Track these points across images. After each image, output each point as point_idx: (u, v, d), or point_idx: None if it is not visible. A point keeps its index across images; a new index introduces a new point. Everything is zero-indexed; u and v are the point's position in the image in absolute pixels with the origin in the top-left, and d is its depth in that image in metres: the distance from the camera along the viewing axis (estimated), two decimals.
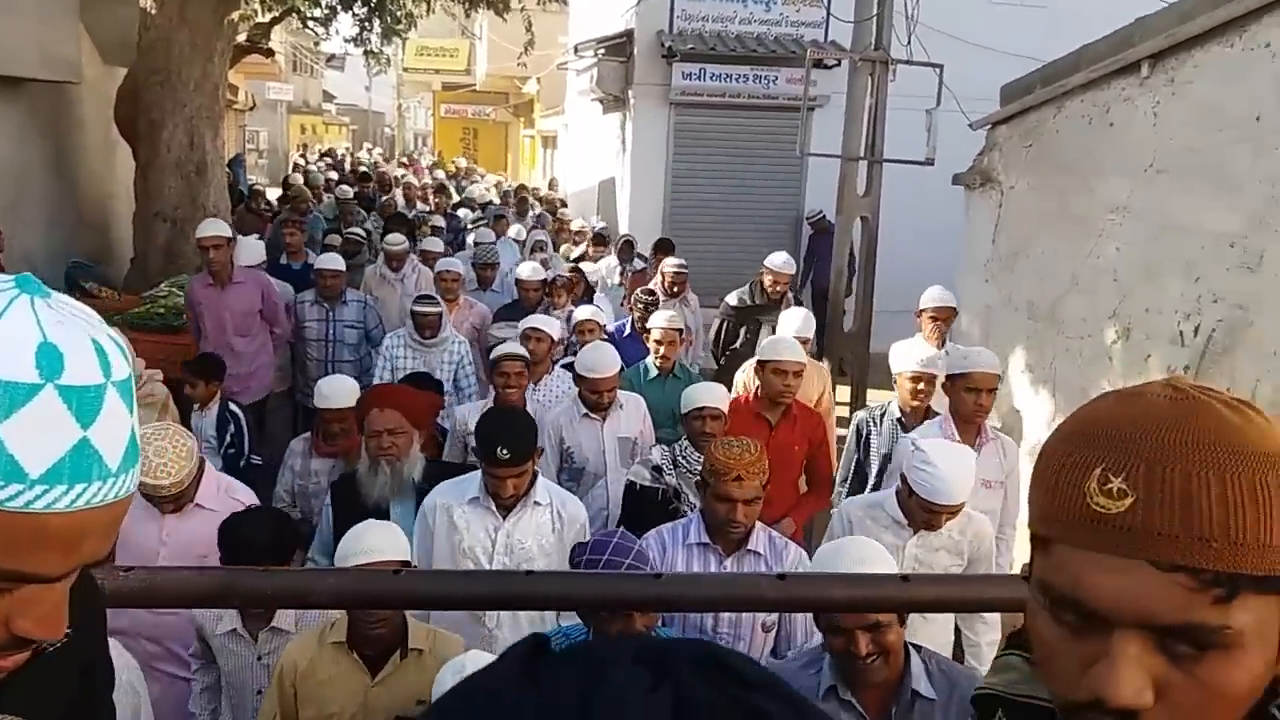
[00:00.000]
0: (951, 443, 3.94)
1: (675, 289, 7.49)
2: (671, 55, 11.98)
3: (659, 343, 5.50)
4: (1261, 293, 4.82)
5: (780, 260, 6.83)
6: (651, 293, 6.76)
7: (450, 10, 10.81)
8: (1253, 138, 4.86)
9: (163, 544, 3.45)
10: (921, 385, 4.95)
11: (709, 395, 4.32)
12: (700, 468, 3.72)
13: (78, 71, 9.21)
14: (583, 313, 6.28)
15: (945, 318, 6.00)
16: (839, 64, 8.05)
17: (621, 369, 4.98)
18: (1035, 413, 6.56)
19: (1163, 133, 5.51)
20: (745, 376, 5.50)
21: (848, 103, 7.66)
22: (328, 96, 44.01)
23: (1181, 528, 0.74)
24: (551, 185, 18.95)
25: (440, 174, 21.97)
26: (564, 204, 15.73)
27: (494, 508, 3.45)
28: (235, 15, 10.39)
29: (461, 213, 13.67)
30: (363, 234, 9.34)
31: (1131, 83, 5.74)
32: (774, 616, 3.25)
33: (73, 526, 0.81)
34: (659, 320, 5.59)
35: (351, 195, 12.72)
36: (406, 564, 2.91)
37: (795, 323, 5.66)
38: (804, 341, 5.25)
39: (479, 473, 3.52)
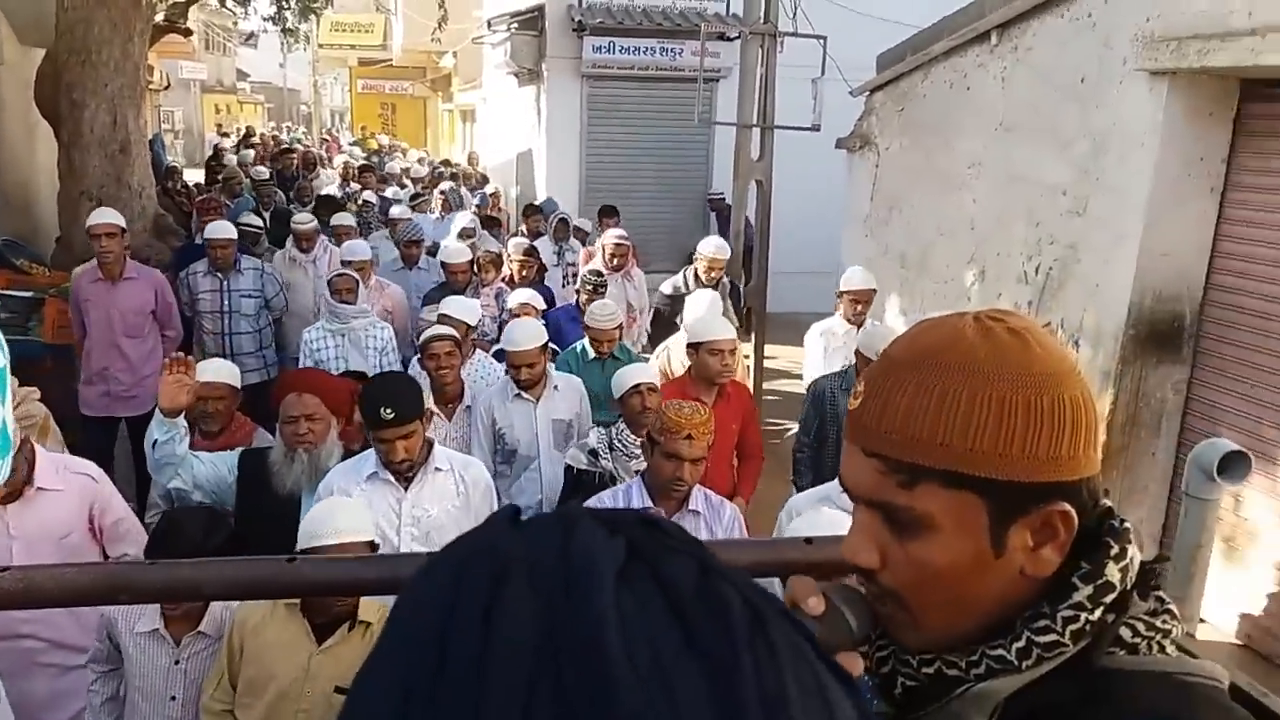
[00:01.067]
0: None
1: (616, 262, 7.21)
2: (582, 29, 12.48)
3: (596, 339, 5.27)
4: (1087, 235, 5.56)
5: (713, 245, 6.68)
6: (599, 273, 6.55)
7: None
8: (1079, 98, 5.57)
9: (11, 537, 3.19)
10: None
11: (642, 372, 4.30)
12: (636, 450, 3.93)
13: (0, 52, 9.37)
14: (519, 296, 6.04)
15: (865, 299, 5.94)
16: (740, 37, 8.61)
17: (550, 347, 4.92)
18: None
19: (1009, 95, 6.22)
20: (661, 361, 5.49)
21: (741, 73, 8.25)
22: (241, 75, 43.35)
23: (876, 421, 0.86)
24: (471, 159, 19.10)
25: (358, 150, 22.02)
26: (485, 178, 16.04)
27: (394, 480, 3.38)
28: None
29: (390, 191, 13.23)
30: (259, 224, 8.60)
31: (984, 50, 6.43)
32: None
33: None
34: (597, 316, 5.28)
35: (266, 175, 12.40)
36: (373, 545, 2.91)
37: (705, 302, 5.67)
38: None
39: (370, 451, 3.46)
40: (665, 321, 6.59)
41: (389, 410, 3.25)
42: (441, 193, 11.06)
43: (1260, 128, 4.98)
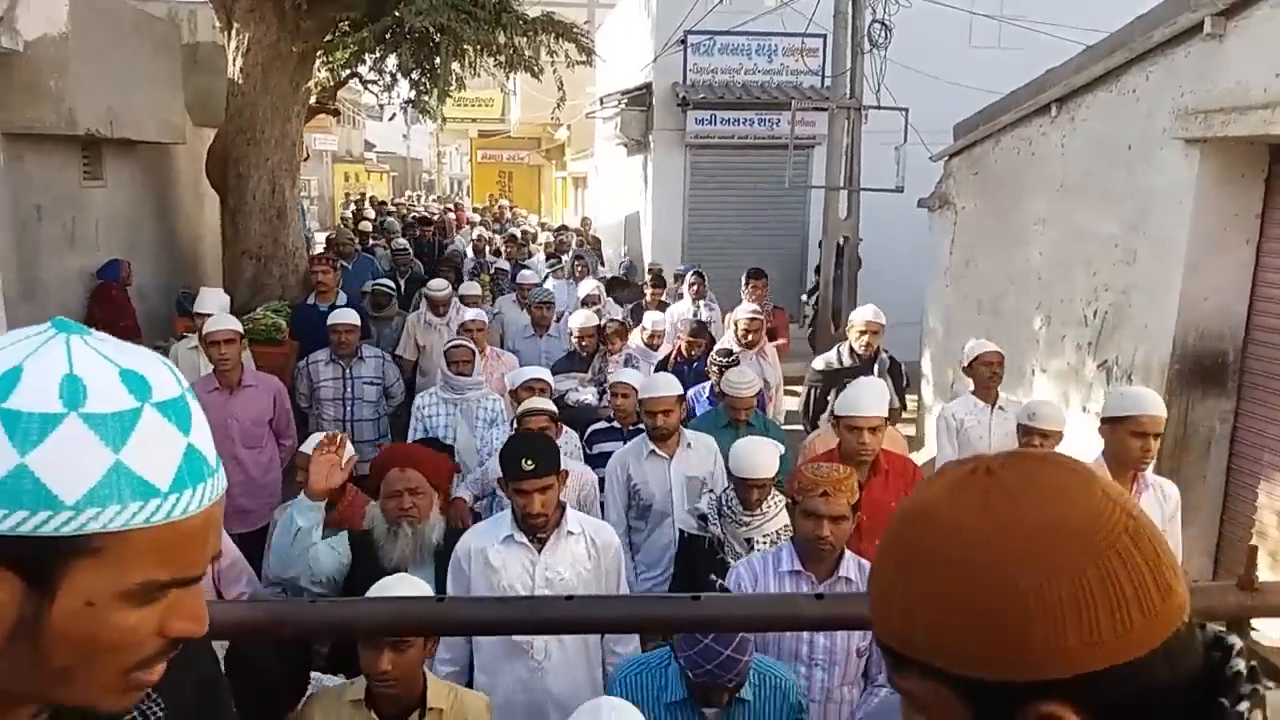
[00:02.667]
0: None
1: (750, 338, 6.76)
2: (685, 104, 13.56)
3: (733, 407, 5.22)
4: (1136, 282, 6.21)
5: (868, 313, 6.28)
6: (729, 352, 6.07)
7: (491, 71, 12.38)
8: (1126, 162, 6.26)
9: None
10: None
11: (758, 464, 3.95)
12: (745, 517, 3.93)
13: (182, 134, 10.87)
14: (623, 375, 5.65)
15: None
16: (829, 110, 9.49)
17: (686, 404, 4.95)
18: None
19: (1068, 159, 6.93)
20: (812, 446, 5.10)
21: (829, 141, 9.12)
22: (368, 145, 46.13)
23: (870, 594, 0.84)
24: (584, 224, 20.03)
25: (477, 218, 23.22)
26: (598, 240, 17.01)
27: (529, 541, 3.38)
28: (310, 82, 12.03)
29: (534, 261, 13.13)
30: (391, 286, 8.72)
31: (1046, 120, 7.16)
32: (868, 640, 3.21)
33: (203, 523, 0.88)
34: (735, 384, 5.19)
35: (404, 245, 12.64)
36: None
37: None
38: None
39: (508, 512, 3.49)
40: (819, 399, 6.16)
41: (530, 462, 3.28)
42: (579, 259, 10.97)
43: None
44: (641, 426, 5.09)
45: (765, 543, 3.87)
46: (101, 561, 0.81)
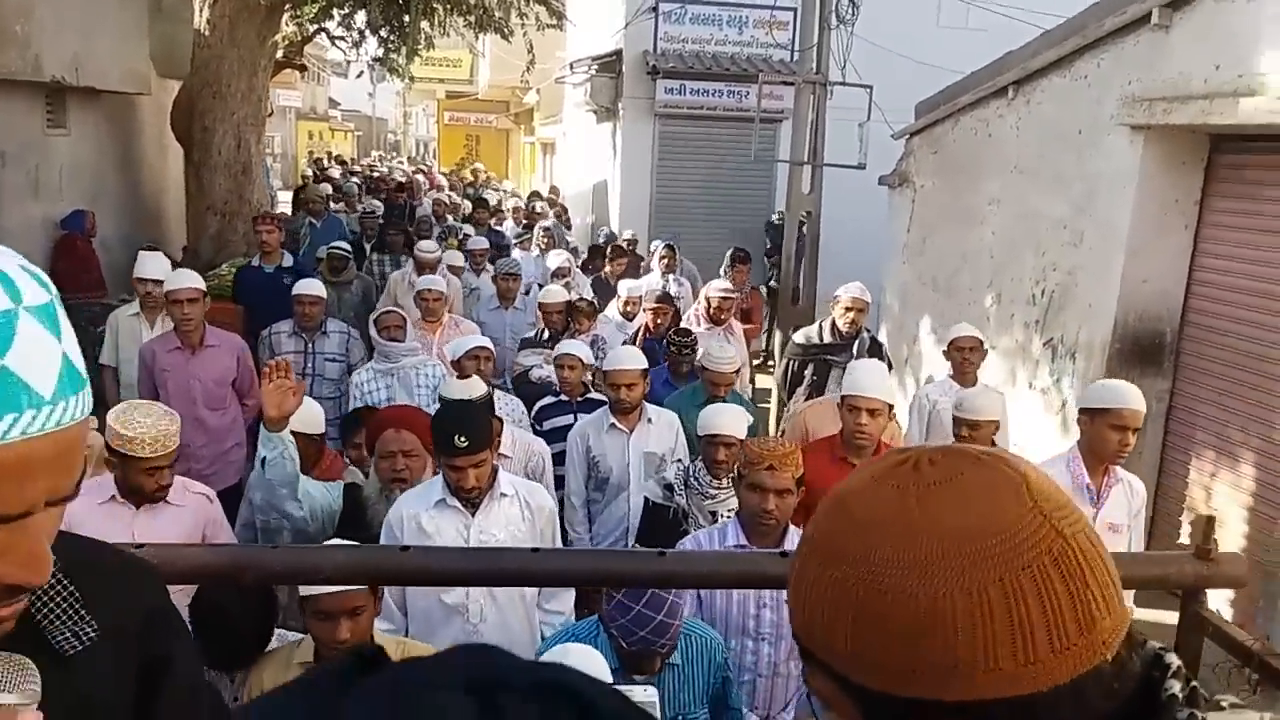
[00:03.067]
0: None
1: (722, 316, 6.78)
2: (656, 72, 13.63)
3: (712, 383, 5.14)
4: (1082, 263, 6.43)
5: (854, 289, 6.15)
6: (686, 332, 5.98)
7: (460, 31, 12.38)
8: (1076, 146, 6.47)
9: (136, 543, 3.16)
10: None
11: (727, 422, 4.04)
12: (712, 490, 3.93)
13: (147, 84, 10.78)
14: (568, 346, 5.51)
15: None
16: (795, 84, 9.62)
17: (648, 374, 4.89)
18: (935, 362, 8.17)
19: (1022, 142, 7.13)
20: (800, 418, 5.11)
21: (794, 117, 9.26)
22: (333, 103, 45.58)
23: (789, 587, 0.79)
24: (553, 191, 19.85)
25: (446, 185, 22.97)
26: (564, 208, 16.95)
27: (460, 505, 3.36)
28: (277, 36, 11.96)
29: (506, 227, 12.89)
30: (348, 249, 8.28)
31: (1002, 103, 7.35)
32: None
33: (15, 459, 0.78)
34: (715, 358, 5.16)
35: (374, 207, 12.36)
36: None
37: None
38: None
39: (439, 477, 3.45)
40: (796, 374, 6.14)
41: (463, 439, 3.24)
42: (545, 230, 10.71)
43: (1228, 175, 5.83)
44: (592, 398, 5.19)
45: (729, 515, 3.80)
46: None
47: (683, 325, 6.56)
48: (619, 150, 14.81)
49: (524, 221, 13.54)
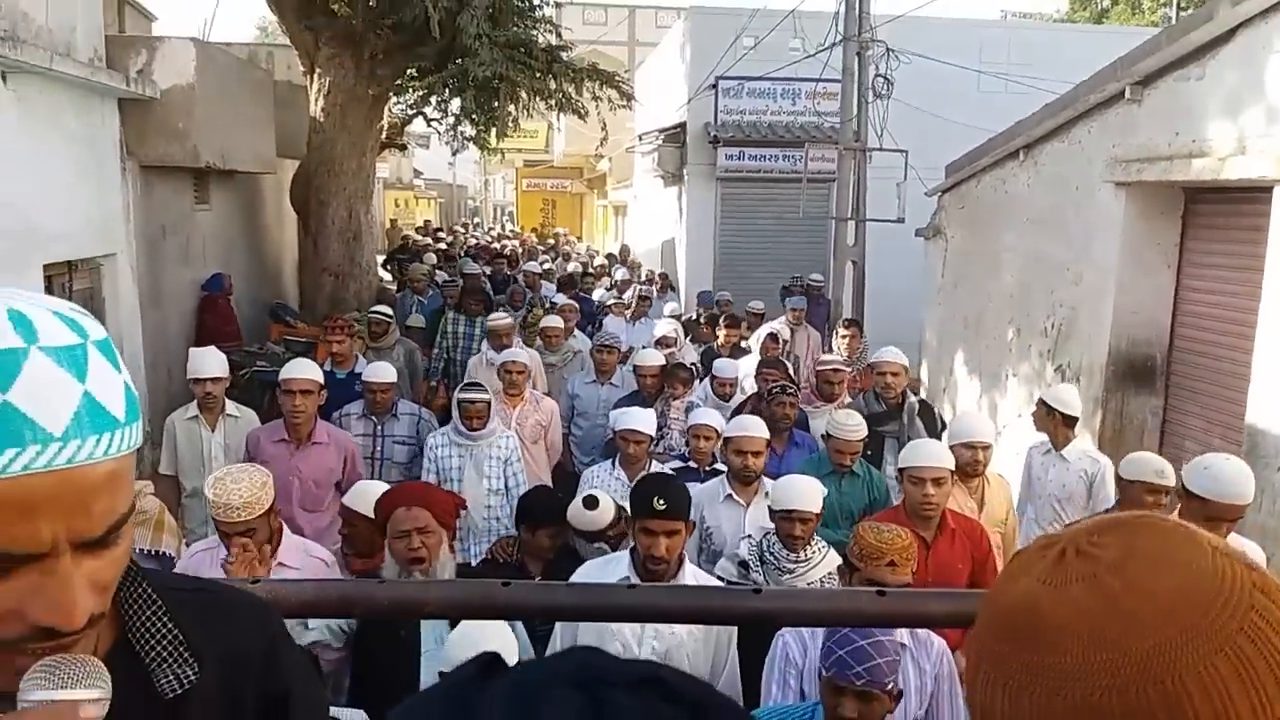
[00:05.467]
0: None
1: (834, 391, 6.34)
2: (717, 141, 15.00)
3: (838, 451, 4.93)
4: (1082, 299, 7.47)
5: (890, 354, 5.95)
6: (786, 386, 5.76)
7: (542, 113, 13.87)
8: (1074, 200, 7.54)
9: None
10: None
11: (801, 496, 3.84)
12: (789, 565, 3.79)
13: (273, 165, 12.41)
14: (704, 417, 5.40)
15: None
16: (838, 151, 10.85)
17: (792, 434, 4.98)
18: (968, 391, 9.21)
19: (1032, 196, 8.21)
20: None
21: (838, 177, 10.46)
22: (416, 172, 48.02)
23: (981, 713, 0.73)
24: (623, 251, 20.30)
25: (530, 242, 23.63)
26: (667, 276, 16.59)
27: (641, 579, 3.27)
28: (383, 121, 13.58)
29: (597, 295, 12.33)
30: (388, 313, 8.26)
31: (1015, 163, 8.46)
32: (924, 710, 3.10)
33: (17, 492, 0.80)
34: (842, 425, 4.94)
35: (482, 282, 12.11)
36: None
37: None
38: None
39: (625, 553, 3.41)
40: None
41: (661, 501, 3.20)
42: (644, 298, 10.38)
43: (1202, 223, 6.84)
44: (718, 468, 5.03)
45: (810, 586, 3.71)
46: None
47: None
48: (684, 212, 16.15)
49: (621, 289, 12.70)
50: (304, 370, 5.14)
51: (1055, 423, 5.33)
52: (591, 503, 3.94)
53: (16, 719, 0.85)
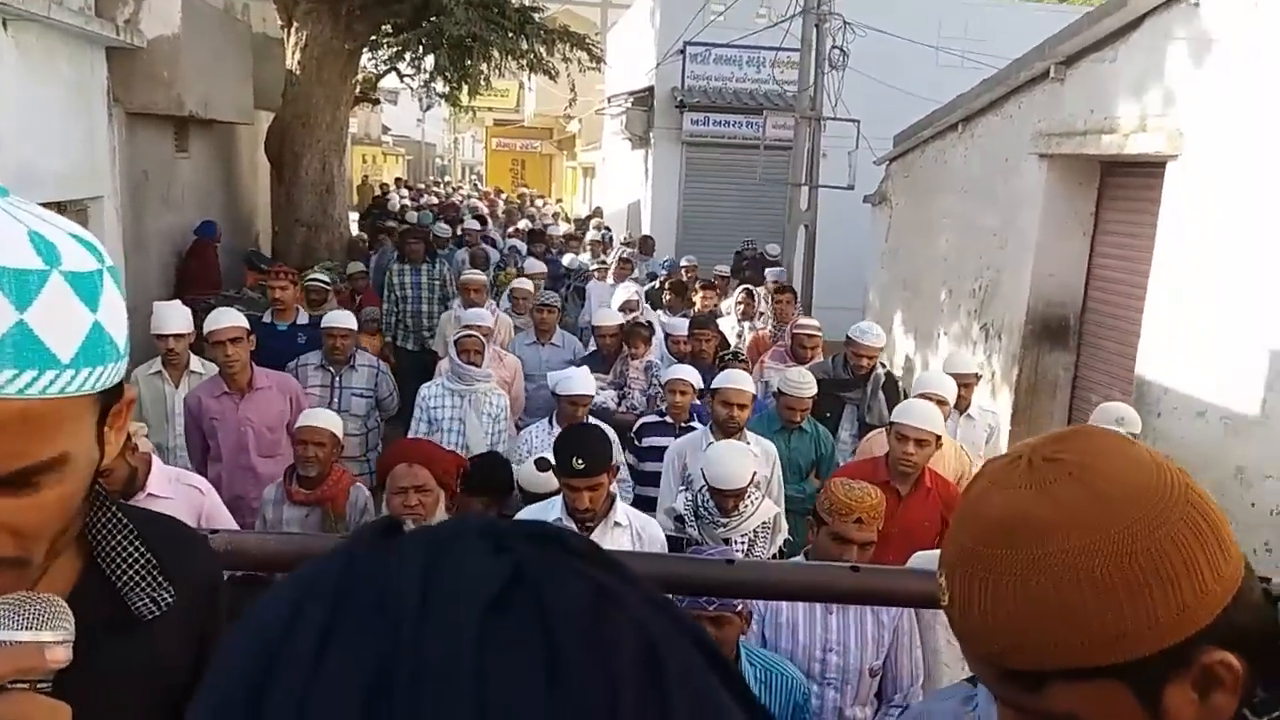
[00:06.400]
0: None
1: (809, 354, 6.47)
2: (683, 106, 15.50)
3: (789, 408, 5.11)
4: (1005, 262, 8.12)
5: (871, 334, 6.00)
6: (732, 352, 6.11)
7: (514, 72, 14.29)
8: (1003, 171, 8.17)
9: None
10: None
11: (731, 475, 3.86)
12: (722, 519, 3.85)
13: (251, 115, 12.77)
14: (679, 372, 5.44)
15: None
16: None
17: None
18: (904, 347, 9.88)
19: (967, 167, 8.84)
20: (868, 446, 4.89)
21: (794, 145, 11.03)
22: (384, 129, 47.94)
23: (972, 630, 0.81)
24: (596, 213, 20.45)
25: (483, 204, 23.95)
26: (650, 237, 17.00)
27: (576, 527, 3.37)
28: (358, 76, 13.94)
29: (567, 259, 11.97)
30: (326, 281, 7.85)
31: (954, 135, 9.07)
32: (881, 659, 3.21)
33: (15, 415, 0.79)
34: (794, 383, 5.11)
35: (449, 234, 12.37)
36: None
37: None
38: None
39: (559, 497, 3.55)
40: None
41: (580, 461, 3.34)
42: (624, 260, 10.42)
43: (1115, 194, 7.50)
44: (694, 425, 5.17)
45: (743, 541, 3.87)
46: None
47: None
48: (650, 174, 16.67)
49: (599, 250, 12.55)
50: (227, 319, 4.90)
51: (969, 395, 5.53)
52: (543, 465, 3.91)
53: None
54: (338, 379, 5.84)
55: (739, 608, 2.77)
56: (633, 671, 0.35)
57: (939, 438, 4.22)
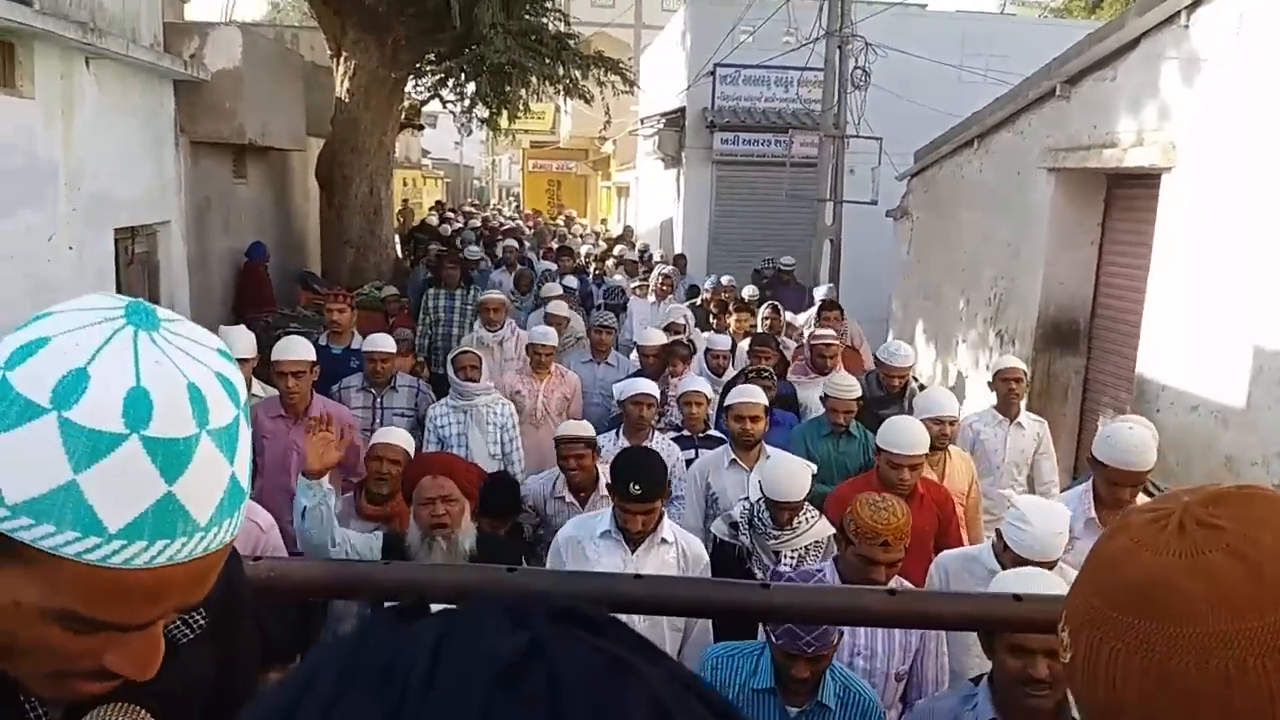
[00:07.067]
0: (1046, 500, 4.00)
1: (827, 364, 6.57)
2: (713, 126, 16.07)
3: (834, 410, 5.27)
4: (1019, 271, 8.55)
5: (900, 355, 6.15)
6: (768, 371, 6.01)
7: (551, 97, 14.94)
8: (1016, 185, 8.62)
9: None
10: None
11: (789, 489, 3.91)
12: (775, 531, 3.90)
13: (304, 142, 13.48)
14: (693, 384, 5.68)
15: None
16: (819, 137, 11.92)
17: (771, 412, 4.99)
18: (927, 355, 10.31)
19: (983, 180, 9.29)
20: None
21: (819, 162, 11.53)
22: (424, 152, 48.94)
23: (1096, 694, 0.75)
24: (626, 232, 21.29)
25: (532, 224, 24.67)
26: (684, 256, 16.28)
27: (624, 541, 3.53)
28: (403, 103, 14.63)
29: (617, 279, 11.89)
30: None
31: (970, 151, 9.53)
32: (906, 665, 3.25)
33: (153, 581, 0.78)
34: (838, 385, 5.32)
35: (479, 256, 12.69)
36: None
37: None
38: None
39: (609, 509, 3.63)
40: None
41: (637, 487, 3.42)
42: (665, 276, 10.33)
43: (1121, 205, 7.91)
44: (712, 434, 5.36)
45: (793, 557, 3.91)
46: (31, 572, 0.76)
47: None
48: (682, 193, 17.23)
49: (638, 270, 13.07)
50: (294, 351, 5.12)
51: (1012, 392, 5.51)
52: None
53: None
54: (379, 400, 5.98)
55: (834, 641, 2.76)
56: None
57: (926, 455, 4.31)
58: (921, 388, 6.53)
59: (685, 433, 5.45)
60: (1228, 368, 5.86)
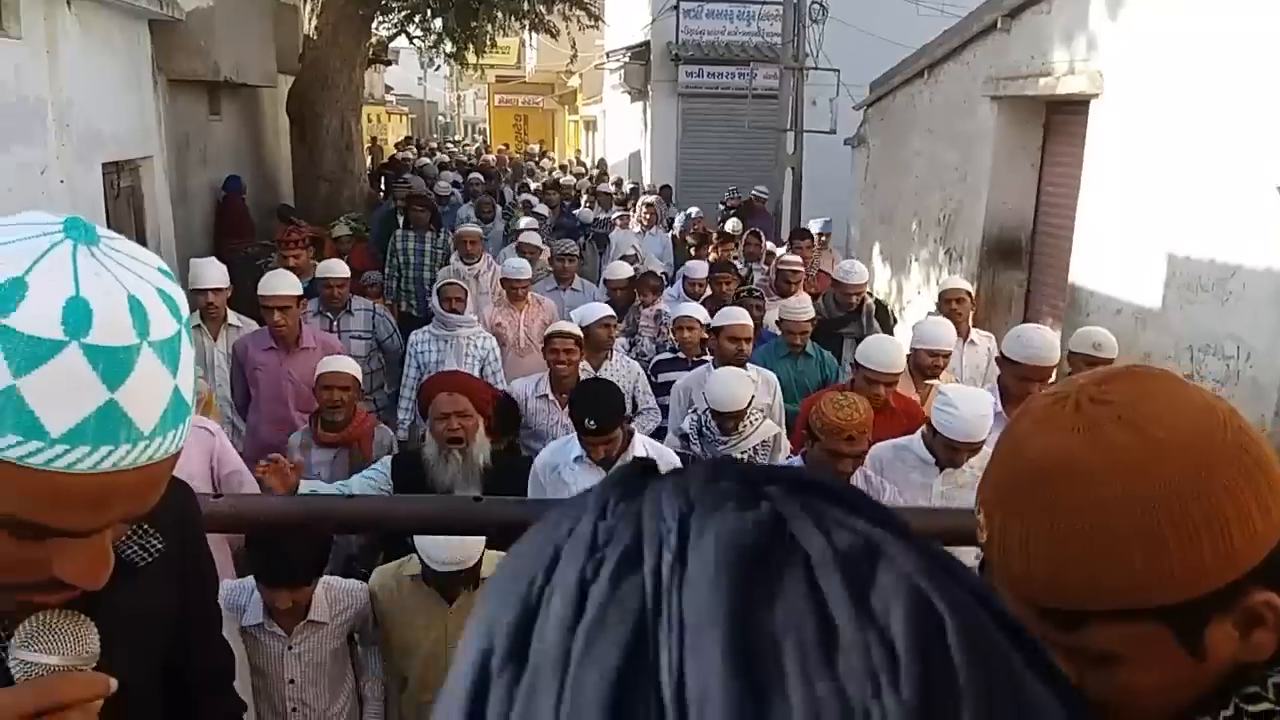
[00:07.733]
0: (970, 387, 4.26)
1: (790, 289, 6.77)
2: (678, 59, 16.39)
3: (790, 333, 5.44)
4: (965, 193, 9.10)
5: (855, 274, 6.35)
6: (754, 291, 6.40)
7: (516, 31, 15.19)
8: (962, 113, 9.11)
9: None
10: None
11: (730, 398, 4.09)
12: (724, 437, 4.09)
13: (274, 79, 13.70)
14: (687, 309, 5.84)
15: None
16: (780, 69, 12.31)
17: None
18: (883, 275, 10.88)
19: (933, 109, 9.78)
20: None
21: (780, 94, 11.95)
22: (387, 88, 48.54)
23: (1012, 569, 0.80)
24: (600, 165, 21.49)
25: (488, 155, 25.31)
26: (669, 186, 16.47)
27: (596, 464, 3.63)
28: (371, 39, 14.83)
29: (581, 211, 11.99)
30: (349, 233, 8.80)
31: (921, 81, 9.99)
32: None
33: (97, 487, 0.79)
34: (792, 309, 5.50)
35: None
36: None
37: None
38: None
39: (575, 435, 3.74)
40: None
41: (592, 422, 3.54)
42: (648, 206, 10.62)
43: (1058, 131, 8.43)
44: (706, 359, 5.36)
45: (743, 457, 3.99)
46: None
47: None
48: (649, 126, 17.59)
49: (622, 202, 13.27)
50: (280, 286, 5.12)
51: (955, 312, 5.59)
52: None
53: (31, 689, 0.87)
54: (335, 324, 6.03)
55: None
56: (910, 632, 0.32)
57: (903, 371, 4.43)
58: (877, 301, 6.87)
59: (680, 355, 5.63)
60: (1146, 274, 6.45)
